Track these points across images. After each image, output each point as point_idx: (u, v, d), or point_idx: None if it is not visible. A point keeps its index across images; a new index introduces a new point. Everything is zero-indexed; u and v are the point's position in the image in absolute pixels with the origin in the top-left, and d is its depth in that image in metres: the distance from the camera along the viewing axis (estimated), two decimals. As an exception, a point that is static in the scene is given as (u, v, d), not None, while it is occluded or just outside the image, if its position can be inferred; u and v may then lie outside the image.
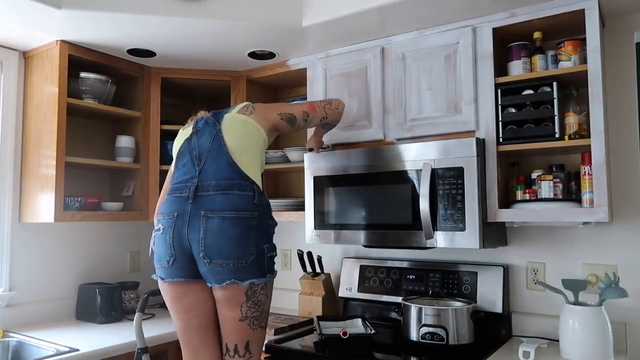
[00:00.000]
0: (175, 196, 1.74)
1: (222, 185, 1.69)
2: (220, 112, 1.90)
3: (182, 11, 2.09)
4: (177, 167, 1.83)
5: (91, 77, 2.48)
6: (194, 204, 1.68)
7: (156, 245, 1.76)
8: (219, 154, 1.75)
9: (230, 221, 1.64)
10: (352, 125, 2.35)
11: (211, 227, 1.64)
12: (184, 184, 1.74)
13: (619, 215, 2.06)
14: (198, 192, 1.70)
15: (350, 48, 2.40)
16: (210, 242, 1.63)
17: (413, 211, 2.07)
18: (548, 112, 1.94)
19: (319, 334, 2.13)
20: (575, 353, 1.84)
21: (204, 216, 1.65)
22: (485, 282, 2.21)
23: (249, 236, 1.65)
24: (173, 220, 1.70)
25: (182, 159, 1.82)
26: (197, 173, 1.73)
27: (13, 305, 2.41)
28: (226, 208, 1.65)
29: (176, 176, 1.80)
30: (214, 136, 1.79)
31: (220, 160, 1.74)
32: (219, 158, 1.74)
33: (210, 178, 1.71)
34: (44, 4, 1.95)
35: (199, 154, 1.77)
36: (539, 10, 1.96)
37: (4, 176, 2.42)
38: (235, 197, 1.68)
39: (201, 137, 1.82)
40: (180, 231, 1.68)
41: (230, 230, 1.63)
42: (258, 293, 1.68)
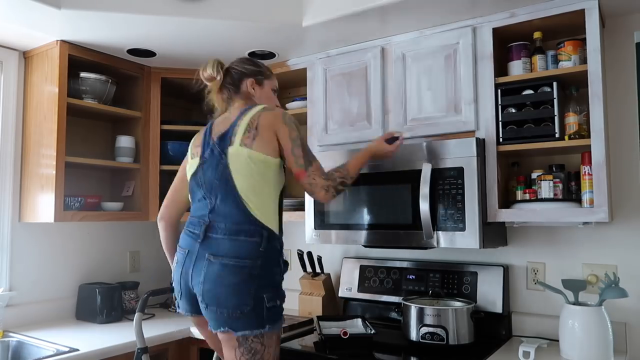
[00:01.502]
0: (190, 231, 1.72)
1: (231, 230, 1.63)
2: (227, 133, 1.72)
3: (182, 11, 2.09)
4: (192, 200, 1.79)
5: (91, 77, 2.48)
6: (202, 244, 1.66)
7: (173, 275, 1.77)
8: (227, 193, 1.67)
9: (230, 269, 1.59)
10: (352, 125, 2.35)
11: (211, 273, 1.60)
12: (197, 220, 1.71)
13: (619, 215, 2.06)
14: (208, 232, 1.66)
15: (350, 48, 2.40)
16: (207, 288, 1.60)
17: (413, 211, 2.07)
18: (548, 112, 1.94)
19: (319, 334, 2.13)
20: (575, 353, 1.84)
21: (207, 259, 1.62)
22: (485, 282, 2.21)
23: (248, 286, 1.59)
24: (184, 257, 1.70)
25: (195, 193, 1.77)
26: (209, 211, 1.68)
27: (13, 305, 2.41)
28: (229, 254, 1.61)
29: (192, 209, 1.78)
30: (221, 173, 1.69)
31: (230, 201, 1.66)
32: (227, 198, 1.66)
33: (220, 219, 1.66)
34: (44, 4, 1.95)
35: (209, 190, 1.71)
36: (539, 10, 1.96)
37: (4, 176, 2.42)
38: (241, 242, 1.62)
39: (207, 170, 1.72)
40: (187, 271, 1.68)
41: (229, 278, 1.58)
42: (251, 341, 1.60)
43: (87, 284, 2.64)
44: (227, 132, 1.73)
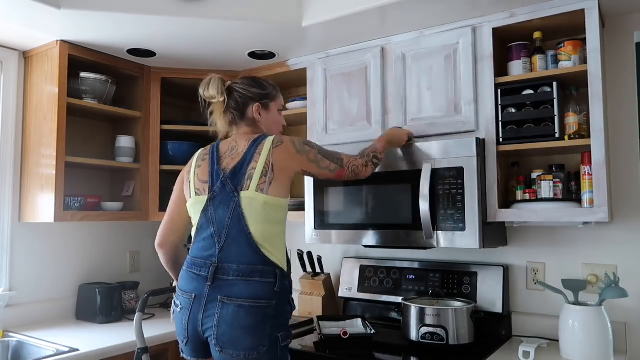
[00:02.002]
0: (195, 273, 1.65)
1: (244, 271, 1.59)
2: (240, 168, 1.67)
3: (182, 11, 2.09)
4: (196, 239, 1.70)
5: (91, 77, 2.48)
6: (212, 287, 1.60)
7: (175, 321, 1.71)
8: (240, 235, 1.62)
9: (246, 310, 1.56)
10: (352, 125, 2.35)
11: (226, 315, 1.56)
12: (203, 261, 1.64)
13: (619, 215, 2.05)
14: (218, 274, 1.60)
15: (350, 48, 2.40)
16: (223, 331, 1.56)
17: (413, 211, 2.07)
18: (548, 112, 1.94)
19: (319, 334, 2.13)
20: (575, 353, 1.84)
21: (220, 301, 1.57)
22: (485, 282, 2.21)
23: (264, 326, 1.57)
24: (191, 302, 1.63)
25: (201, 232, 1.68)
26: (217, 252, 1.62)
27: (13, 305, 2.41)
28: (244, 296, 1.57)
29: (195, 249, 1.69)
30: (232, 212, 1.63)
31: (242, 242, 1.61)
32: (240, 239, 1.62)
33: (232, 260, 1.60)
34: (44, 4, 1.95)
35: (218, 230, 1.64)
36: (539, 10, 1.96)
37: (4, 176, 2.42)
38: (255, 284, 1.58)
39: (218, 208, 1.66)
40: (196, 316, 1.61)
41: (246, 319, 1.55)
42: None
43: (87, 284, 2.64)
44: (240, 169, 1.67)
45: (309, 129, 2.50)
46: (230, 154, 1.73)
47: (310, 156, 1.74)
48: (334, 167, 1.79)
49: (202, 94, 1.81)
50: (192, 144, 2.81)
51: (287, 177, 1.70)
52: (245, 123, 1.81)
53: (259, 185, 1.64)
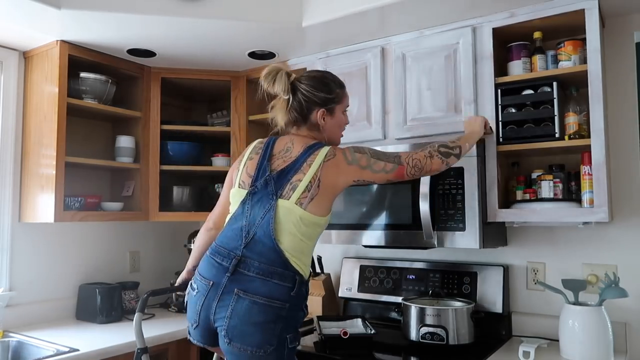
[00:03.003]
0: (217, 261, 1.65)
1: (264, 270, 1.59)
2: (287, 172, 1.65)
3: (182, 11, 2.09)
4: (226, 227, 1.70)
5: (91, 77, 2.48)
6: (231, 279, 1.60)
7: (188, 304, 1.71)
8: (266, 237, 1.61)
9: (260, 307, 1.56)
10: (352, 125, 2.35)
11: (240, 309, 1.56)
12: (227, 252, 1.64)
13: (619, 215, 2.06)
14: (239, 267, 1.60)
15: (350, 48, 2.40)
16: (234, 325, 1.56)
17: (413, 211, 2.06)
18: (548, 112, 1.94)
19: (319, 334, 2.13)
20: (575, 353, 1.84)
21: (236, 294, 1.57)
22: (485, 282, 2.21)
23: (275, 326, 1.57)
24: (207, 289, 1.63)
25: (232, 222, 1.69)
26: (242, 247, 1.62)
27: (13, 305, 2.41)
28: (260, 293, 1.57)
29: (223, 237, 1.69)
30: (266, 214, 1.63)
31: (267, 242, 1.61)
32: (266, 240, 1.61)
33: (254, 257, 1.60)
34: (44, 4, 1.95)
35: (248, 225, 1.64)
36: (539, 10, 1.96)
37: (4, 176, 2.42)
38: (273, 285, 1.58)
39: (255, 206, 1.66)
40: (210, 304, 1.61)
41: (258, 316, 1.56)
42: None
43: (87, 284, 2.64)
44: (288, 172, 1.65)
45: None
46: (283, 155, 1.71)
47: (362, 163, 1.68)
48: (391, 167, 1.69)
49: (266, 87, 1.72)
50: (192, 144, 2.81)
51: (333, 194, 1.67)
52: (307, 127, 1.76)
53: (300, 199, 1.62)
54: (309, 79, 1.76)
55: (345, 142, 2.36)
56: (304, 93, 1.73)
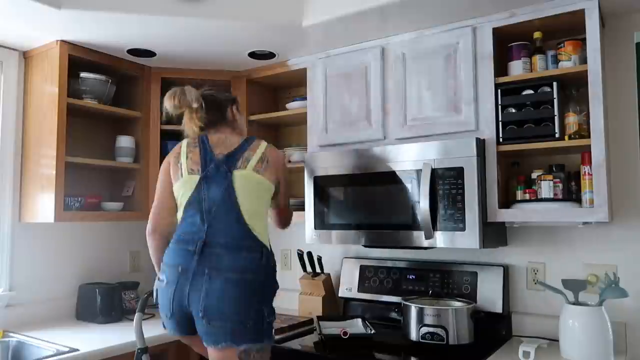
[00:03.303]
0: (182, 248, 1.69)
1: (231, 246, 1.65)
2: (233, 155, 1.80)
3: (182, 11, 2.09)
4: (184, 216, 1.75)
5: (91, 77, 2.48)
6: (200, 260, 1.64)
7: (159, 296, 1.74)
8: (230, 211, 1.69)
9: (233, 283, 1.61)
10: (352, 125, 2.35)
11: (214, 289, 1.61)
12: (191, 237, 1.69)
13: (619, 215, 2.06)
14: (205, 247, 1.65)
15: (351, 48, 2.40)
16: (211, 304, 1.60)
17: (413, 211, 2.07)
18: (548, 112, 1.94)
19: (319, 334, 2.13)
20: (575, 353, 1.84)
21: (208, 275, 1.62)
22: (485, 282, 2.21)
23: (251, 300, 1.62)
24: (177, 275, 1.66)
25: (189, 209, 1.74)
26: (206, 227, 1.68)
27: (13, 305, 2.41)
28: (231, 269, 1.62)
29: (183, 225, 1.74)
30: (224, 189, 1.72)
31: (231, 218, 1.69)
32: (229, 215, 1.69)
33: (220, 235, 1.66)
34: (44, 4, 1.95)
35: (208, 207, 1.71)
36: (539, 10, 1.96)
37: (4, 176, 2.42)
38: (242, 257, 1.65)
39: (211, 186, 1.74)
40: (182, 289, 1.65)
41: (233, 292, 1.60)
42: (252, 357, 1.64)
43: (87, 284, 2.64)
44: (235, 154, 1.80)
45: (309, 129, 2.50)
46: (224, 144, 1.84)
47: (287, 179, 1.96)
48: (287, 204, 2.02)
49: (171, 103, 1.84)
50: (192, 144, 2.81)
51: (276, 169, 1.86)
52: (226, 124, 1.94)
53: (255, 167, 1.79)
54: (210, 88, 1.97)
55: (346, 142, 2.37)
56: (215, 96, 1.94)
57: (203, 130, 1.89)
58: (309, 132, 2.50)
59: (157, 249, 1.86)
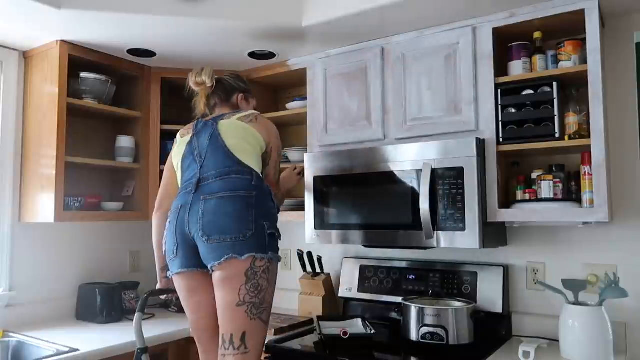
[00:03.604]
0: (183, 193, 1.81)
1: (221, 173, 1.76)
2: (222, 115, 1.96)
3: (182, 11, 2.09)
4: (183, 169, 1.88)
5: (91, 77, 2.48)
6: (196, 193, 1.75)
7: (166, 241, 1.81)
8: (217, 149, 1.82)
9: (228, 199, 1.69)
10: (352, 125, 2.35)
11: (209, 207, 1.69)
12: (189, 182, 1.81)
13: (619, 215, 2.06)
14: (200, 183, 1.76)
15: (350, 48, 2.40)
16: (208, 220, 1.67)
17: (413, 211, 2.06)
18: (548, 112, 1.94)
19: (319, 334, 2.13)
20: (575, 353, 1.84)
21: (203, 199, 1.71)
22: (485, 282, 2.21)
23: (248, 213, 1.68)
24: (177, 212, 1.77)
25: (186, 161, 1.88)
26: (199, 168, 1.80)
27: (13, 305, 2.41)
28: (223, 189, 1.71)
29: (184, 177, 1.86)
30: (211, 135, 1.86)
31: (219, 154, 1.81)
32: (217, 152, 1.81)
33: (211, 169, 1.78)
34: (44, 4, 1.95)
35: (199, 153, 1.84)
36: (539, 10, 1.96)
37: (4, 176, 2.42)
38: (233, 180, 1.74)
39: (200, 137, 1.88)
40: (182, 219, 1.74)
41: (228, 207, 1.68)
42: (259, 276, 1.64)
43: (87, 284, 2.64)
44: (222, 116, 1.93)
45: (309, 129, 2.50)
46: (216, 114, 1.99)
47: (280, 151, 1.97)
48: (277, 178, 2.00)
49: (192, 79, 1.99)
50: (192, 144, 2.81)
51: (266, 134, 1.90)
52: (229, 106, 2.04)
53: (241, 118, 1.90)
54: (231, 74, 2.12)
55: (346, 142, 2.37)
56: (228, 81, 2.06)
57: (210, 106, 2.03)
58: (309, 132, 2.50)
59: (160, 227, 1.95)
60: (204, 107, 2.03)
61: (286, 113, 2.65)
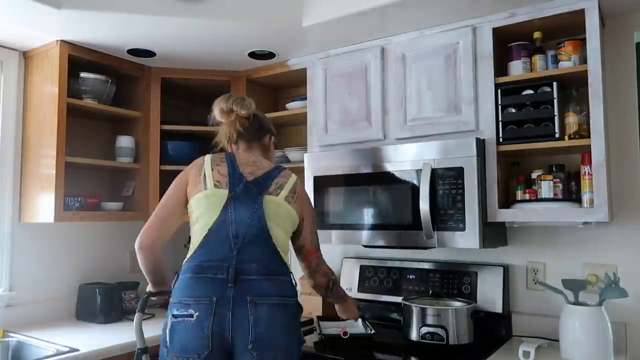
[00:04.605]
0: (209, 277, 1.54)
1: (264, 271, 1.56)
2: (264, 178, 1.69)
3: (182, 11, 2.09)
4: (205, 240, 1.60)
5: (91, 77, 2.48)
6: (236, 288, 1.51)
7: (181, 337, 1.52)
8: (260, 237, 1.60)
9: (280, 308, 1.53)
10: (352, 125, 2.35)
11: (261, 315, 1.50)
12: (219, 264, 1.55)
13: (619, 215, 2.05)
14: (239, 275, 1.53)
15: (351, 48, 2.40)
16: (260, 332, 1.49)
17: (413, 211, 2.06)
18: (548, 112, 1.94)
19: (319, 334, 2.13)
20: (575, 353, 1.84)
21: (251, 302, 1.51)
22: (485, 282, 2.21)
23: (294, 324, 1.58)
24: (212, 307, 1.50)
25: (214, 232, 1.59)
26: (235, 253, 1.56)
27: (13, 305, 2.41)
28: (273, 294, 1.54)
29: (204, 251, 1.59)
30: (254, 213, 1.61)
31: (261, 242, 1.59)
32: (259, 239, 1.59)
33: (251, 260, 1.56)
34: (44, 4, 1.95)
35: (236, 230, 1.59)
36: (539, 10, 1.96)
37: (4, 176, 2.42)
38: (280, 282, 1.58)
39: (240, 208, 1.61)
40: (222, 321, 1.49)
41: (281, 319, 1.52)
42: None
43: (87, 284, 2.64)
44: (265, 179, 1.69)
45: (309, 129, 2.50)
46: (253, 164, 1.73)
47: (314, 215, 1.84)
48: (316, 243, 1.83)
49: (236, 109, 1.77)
50: (192, 144, 2.81)
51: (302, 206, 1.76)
52: (259, 147, 1.85)
53: (287, 197, 1.69)
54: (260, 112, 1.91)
55: (346, 142, 2.37)
56: (262, 119, 1.89)
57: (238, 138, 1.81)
58: (309, 132, 2.50)
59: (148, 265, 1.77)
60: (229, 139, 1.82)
61: (286, 113, 2.65)
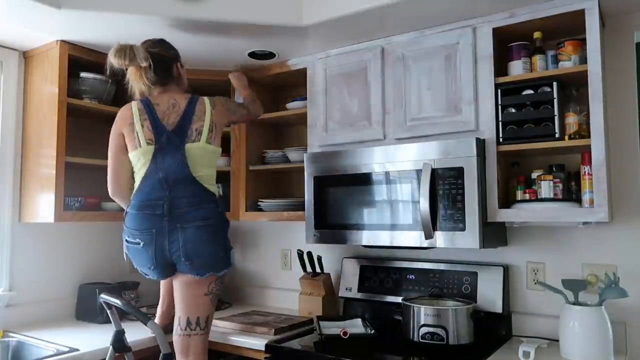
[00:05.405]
0: (148, 214, 1.93)
1: (192, 202, 1.94)
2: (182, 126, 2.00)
3: (182, 11, 2.09)
4: (142, 184, 1.97)
5: (91, 77, 2.48)
6: (169, 220, 1.91)
7: (135, 256, 1.99)
8: (186, 178, 1.95)
9: (203, 229, 1.92)
10: (352, 125, 2.35)
11: (188, 236, 1.91)
12: (154, 203, 1.93)
13: (619, 215, 2.06)
14: (172, 209, 1.92)
15: (350, 48, 2.40)
16: (189, 248, 1.91)
17: (413, 211, 2.07)
18: (548, 112, 1.94)
19: (319, 334, 2.13)
20: (575, 353, 1.84)
21: (180, 228, 1.91)
22: (485, 282, 2.21)
23: (218, 238, 1.97)
24: (153, 237, 1.92)
25: (148, 178, 1.96)
26: (168, 192, 1.93)
27: (13, 305, 2.41)
28: (198, 218, 1.92)
29: (142, 193, 1.96)
30: (178, 162, 1.95)
31: (188, 182, 1.95)
32: (186, 180, 1.95)
33: (182, 197, 1.93)
34: (44, 4, 1.95)
35: (165, 175, 1.94)
36: (539, 10, 1.96)
37: (4, 176, 2.42)
38: (204, 209, 1.95)
39: (165, 158, 1.96)
40: (162, 245, 1.92)
41: (204, 235, 1.92)
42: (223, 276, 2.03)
43: (87, 284, 2.64)
44: (184, 125, 1.99)
45: (309, 129, 2.50)
46: (172, 111, 2.01)
47: (230, 106, 2.20)
48: (246, 113, 2.32)
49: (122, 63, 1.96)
50: (192, 144, 2.81)
51: (221, 131, 2.11)
52: (174, 83, 2.10)
53: (208, 139, 2.01)
54: (156, 44, 2.07)
55: (346, 142, 2.37)
56: (162, 54, 2.06)
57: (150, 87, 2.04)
58: (309, 132, 2.50)
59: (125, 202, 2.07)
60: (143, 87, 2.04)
61: (286, 113, 2.65)
